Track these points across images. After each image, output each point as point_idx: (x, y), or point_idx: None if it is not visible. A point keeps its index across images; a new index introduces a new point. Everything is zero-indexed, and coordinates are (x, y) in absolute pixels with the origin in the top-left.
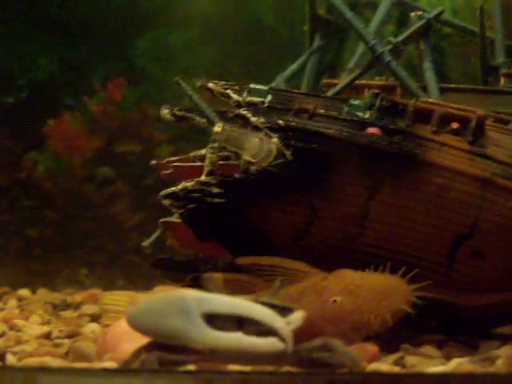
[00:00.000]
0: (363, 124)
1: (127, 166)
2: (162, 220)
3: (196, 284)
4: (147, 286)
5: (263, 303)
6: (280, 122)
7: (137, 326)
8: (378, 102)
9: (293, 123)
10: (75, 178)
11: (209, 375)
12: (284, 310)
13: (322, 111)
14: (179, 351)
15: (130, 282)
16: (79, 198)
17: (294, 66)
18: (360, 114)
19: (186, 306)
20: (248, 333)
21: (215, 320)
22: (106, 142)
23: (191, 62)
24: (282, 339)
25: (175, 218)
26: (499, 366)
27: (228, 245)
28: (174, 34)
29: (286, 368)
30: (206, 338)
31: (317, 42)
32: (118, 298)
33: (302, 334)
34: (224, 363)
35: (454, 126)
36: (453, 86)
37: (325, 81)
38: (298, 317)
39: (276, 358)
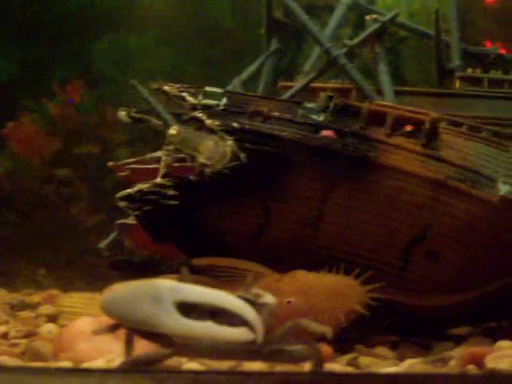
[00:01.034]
0: (317, 126)
1: (86, 168)
2: (118, 222)
3: None
4: (105, 287)
5: (237, 297)
6: (235, 124)
7: (110, 312)
8: (331, 105)
9: (247, 126)
10: (34, 179)
11: (162, 375)
12: (256, 304)
13: (276, 114)
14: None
15: (88, 282)
16: (38, 199)
17: (250, 69)
18: (314, 116)
19: (159, 293)
20: (219, 323)
21: (189, 311)
22: (64, 144)
23: (149, 64)
24: (253, 329)
25: (131, 220)
26: (452, 366)
27: (183, 246)
28: (132, 37)
29: (256, 361)
30: (176, 324)
31: (273, 45)
32: (75, 300)
33: None
34: (197, 357)
35: (408, 128)
36: (408, 88)
37: (281, 83)
38: (270, 301)
39: (246, 351)
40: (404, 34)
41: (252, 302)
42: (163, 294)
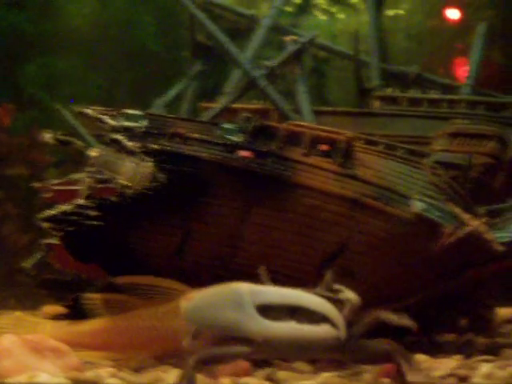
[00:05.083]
0: (235, 147)
1: (16, 189)
2: (43, 242)
3: (77, 304)
4: (36, 306)
5: (316, 294)
6: (154, 146)
7: (194, 320)
8: (249, 126)
9: (167, 147)
10: None
11: None
12: (337, 301)
13: (195, 135)
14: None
15: (20, 301)
16: None
17: (173, 91)
18: (233, 137)
19: (241, 298)
20: (300, 322)
21: (267, 312)
22: None
23: (78, 88)
24: (335, 326)
25: (56, 240)
26: (367, 380)
27: (106, 266)
28: (60, 61)
29: (338, 358)
30: (261, 328)
31: (197, 67)
32: (3, 322)
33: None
34: (278, 355)
35: (324, 148)
36: (328, 108)
37: (202, 104)
38: (350, 296)
39: (329, 348)
40: (327, 55)
41: (330, 299)
42: (244, 299)
